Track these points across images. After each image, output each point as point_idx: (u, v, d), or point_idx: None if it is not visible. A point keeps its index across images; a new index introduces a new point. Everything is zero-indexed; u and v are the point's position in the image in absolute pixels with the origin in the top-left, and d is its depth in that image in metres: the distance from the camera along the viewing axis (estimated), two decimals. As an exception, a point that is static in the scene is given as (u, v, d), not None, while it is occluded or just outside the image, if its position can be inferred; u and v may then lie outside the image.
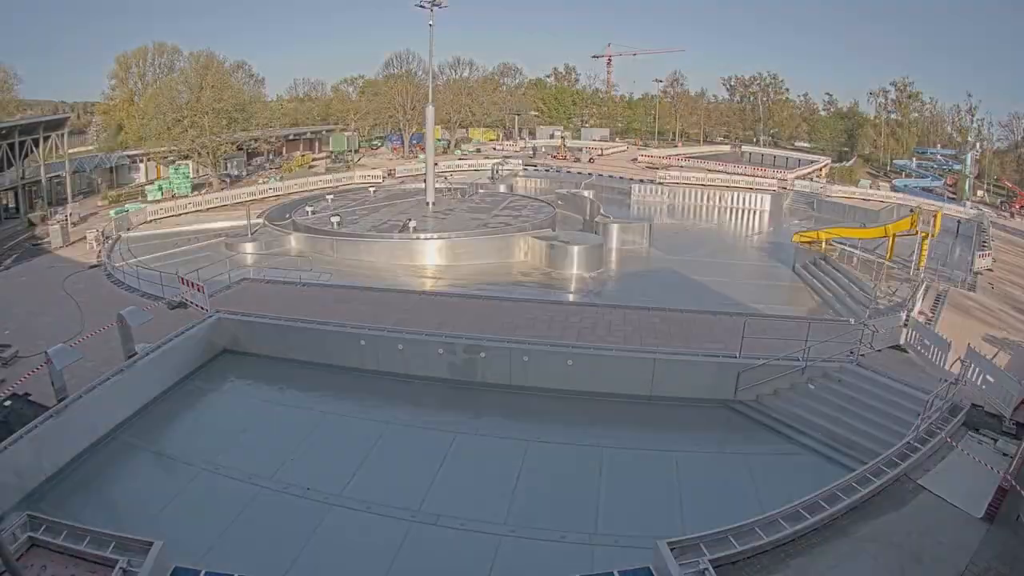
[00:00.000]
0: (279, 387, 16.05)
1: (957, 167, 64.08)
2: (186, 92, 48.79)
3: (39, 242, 30.17)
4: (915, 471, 10.90)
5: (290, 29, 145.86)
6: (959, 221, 38.16)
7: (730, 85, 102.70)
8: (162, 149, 47.62)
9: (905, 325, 15.72)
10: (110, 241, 29.33)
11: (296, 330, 17.11)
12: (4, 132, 35.31)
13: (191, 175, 46.82)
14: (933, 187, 58.19)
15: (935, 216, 24.14)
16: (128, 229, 31.41)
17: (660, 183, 48.56)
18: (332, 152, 66.53)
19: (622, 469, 12.66)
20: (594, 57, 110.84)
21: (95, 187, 45.97)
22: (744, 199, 45.61)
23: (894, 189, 55.53)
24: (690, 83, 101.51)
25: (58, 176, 39.86)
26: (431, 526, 10.82)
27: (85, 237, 29.37)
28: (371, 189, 42.96)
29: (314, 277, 22.49)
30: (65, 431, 12.29)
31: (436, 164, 39.59)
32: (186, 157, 47.59)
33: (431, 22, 34.83)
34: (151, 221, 34.33)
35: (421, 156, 56.69)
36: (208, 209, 38.04)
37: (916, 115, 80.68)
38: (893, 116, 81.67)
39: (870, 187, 53.72)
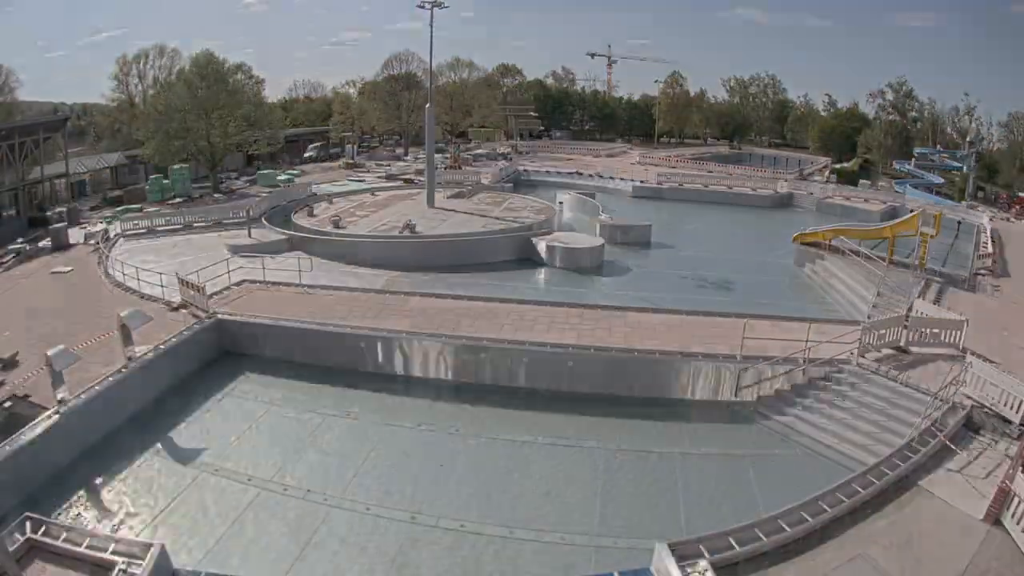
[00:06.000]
0: (279, 389, 16.02)
1: (957, 166, 64.14)
2: (186, 94, 48.72)
3: (39, 243, 30.13)
4: (916, 472, 10.91)
5: (290, 29, 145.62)
6: (959, 222, 38.14)
7: (730, 86, 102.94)
8: (162, 151, 47.57)
9: (906, 326, 15.69)
10: (110, 242, 29.29)
11: (296, 332, 17.11)
12: (4, 134, 35.31)
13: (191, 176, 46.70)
14: (933, 187, 58.18)
15: (936, 217, 24.11)
16: (128, 230, 31.36)
17: (660, 185, 48.54)
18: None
19: (622, 470, 12.68)
20: (592, 56, 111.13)
21: (95, 188, 45.97)
22: (744, 199, 45.59)
23: (894, 190, 55.51)
24: (690, 84, 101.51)
25: (58, 177, 39.87)
26: (431, 527, 10.83)
27: (85, 238, 29.36)
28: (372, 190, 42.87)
29: (314, 278, 22.46)
30: (65, 433, 12.29)
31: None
32: (185, 159, 47.52)
33: (431, 22, 34.83)
34: (150, 222, 34.28)
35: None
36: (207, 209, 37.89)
37: (915, 116, 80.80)
38: (892, 117, 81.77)
39: (870, 187, 53.74)
